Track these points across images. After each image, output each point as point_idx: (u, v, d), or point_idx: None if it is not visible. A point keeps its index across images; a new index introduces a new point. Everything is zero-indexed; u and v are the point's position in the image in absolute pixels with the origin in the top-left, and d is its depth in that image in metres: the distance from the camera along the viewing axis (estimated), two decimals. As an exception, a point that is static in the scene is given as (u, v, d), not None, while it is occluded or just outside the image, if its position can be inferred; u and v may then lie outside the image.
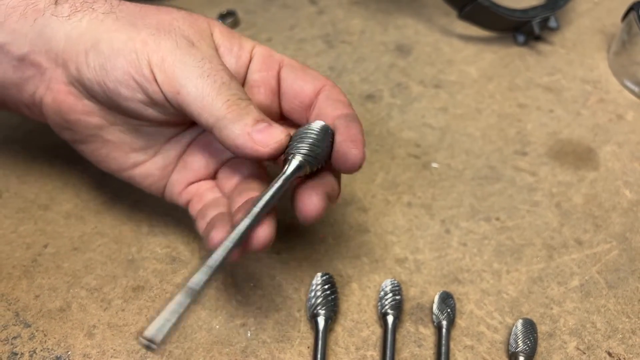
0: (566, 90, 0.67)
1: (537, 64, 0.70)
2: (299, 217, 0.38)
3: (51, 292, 0.46)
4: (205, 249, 0.41)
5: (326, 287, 0.45)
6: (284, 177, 0.38)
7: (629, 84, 0.68)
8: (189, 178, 0.45)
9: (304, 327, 0.45)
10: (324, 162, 0.39)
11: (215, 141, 0.41)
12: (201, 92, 0.38)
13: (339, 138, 0.39)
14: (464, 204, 0.54)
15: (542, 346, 0.44)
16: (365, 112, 0.63)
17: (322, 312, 0.44)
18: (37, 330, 0.44)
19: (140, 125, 0.42)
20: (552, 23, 0.72)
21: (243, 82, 0.43)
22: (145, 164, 0.44)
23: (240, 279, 0.47)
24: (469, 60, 0.70)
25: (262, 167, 0.44)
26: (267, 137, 0.38)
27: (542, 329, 0.45)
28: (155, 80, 0.39)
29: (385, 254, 0.50)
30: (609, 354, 0.44)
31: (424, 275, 0.49)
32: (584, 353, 0.44)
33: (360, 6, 0.77)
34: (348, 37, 0.72)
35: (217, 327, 0.45)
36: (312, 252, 0.50)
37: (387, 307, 0.44)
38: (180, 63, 0.38)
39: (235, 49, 0.42)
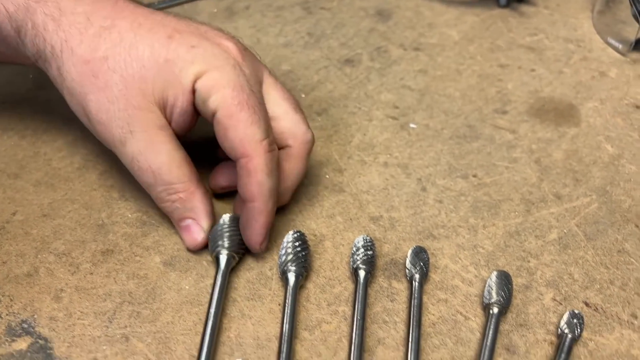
0: (549, 50, 0.66)
1: (520, 25, 0.69)
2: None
3: (19, 258, 0.45)
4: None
5: (297, 244, 0.44)
6: (220, 274, 0.43)
7: (612, 41, 0.66)
8: None
9: (276, 285, 0.44)
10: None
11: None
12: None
13: (243, 233, 0.44)
14: (441, 163, 0.53)
15: (517, 298, 0.43)
16: (343, 76, 0.62)
17: (292, 268, 0.43)
18: (3, 295, 0.43)
19: None
20: (534, -17, 0.70)
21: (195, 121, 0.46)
22: None
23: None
24: (450, 23, 0.69)
25: None
26: (190, 239, 0.45)
27: (518, 281, 0.44)
28: None
29: (359, 212, 0.49)
30: (586, 304, 0.43)
31: (398, 232, 0.48)
32: (560, 304, 0.43)
33: (340, -27, 0.75)
34: (327, 3, 0.71)
35: (187, 287, 0.44)
36: (286, 213, 0.49)
37: (358, 262, 0.44)
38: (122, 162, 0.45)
39: (179, 100, 0.43)
